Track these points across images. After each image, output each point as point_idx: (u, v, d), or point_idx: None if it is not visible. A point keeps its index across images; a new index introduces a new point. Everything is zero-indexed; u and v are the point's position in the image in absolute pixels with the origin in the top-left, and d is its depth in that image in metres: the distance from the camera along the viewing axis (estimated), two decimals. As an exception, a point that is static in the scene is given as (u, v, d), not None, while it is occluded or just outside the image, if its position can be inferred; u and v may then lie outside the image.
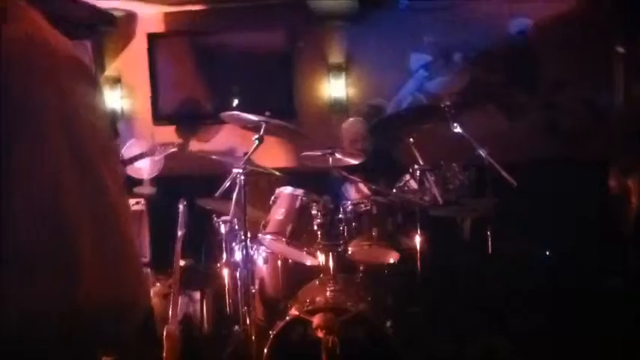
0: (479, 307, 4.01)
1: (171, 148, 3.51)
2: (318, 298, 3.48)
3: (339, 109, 5.35)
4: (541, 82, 5.06)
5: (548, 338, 3.97)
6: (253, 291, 3.67)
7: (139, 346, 1.10)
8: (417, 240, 3.68)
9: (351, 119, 4.78)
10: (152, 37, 5.78)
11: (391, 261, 3.75)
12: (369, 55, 5.36)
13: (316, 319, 3.22)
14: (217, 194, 3.84)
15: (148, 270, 4.62)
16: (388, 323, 3.39)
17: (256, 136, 3.65)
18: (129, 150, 4.32)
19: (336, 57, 5.39)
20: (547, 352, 3.83)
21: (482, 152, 3.67)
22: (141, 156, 3.57)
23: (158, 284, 4.49)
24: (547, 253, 4.97)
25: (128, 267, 0.88)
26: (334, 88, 5.40)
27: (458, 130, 3.71)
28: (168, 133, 5.80)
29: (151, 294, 4.49)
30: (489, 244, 3.99)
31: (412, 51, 5.26)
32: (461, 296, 4.11)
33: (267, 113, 3.66)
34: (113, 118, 4.37)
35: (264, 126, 3.62)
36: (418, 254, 3.68)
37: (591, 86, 5.05)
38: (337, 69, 5.38)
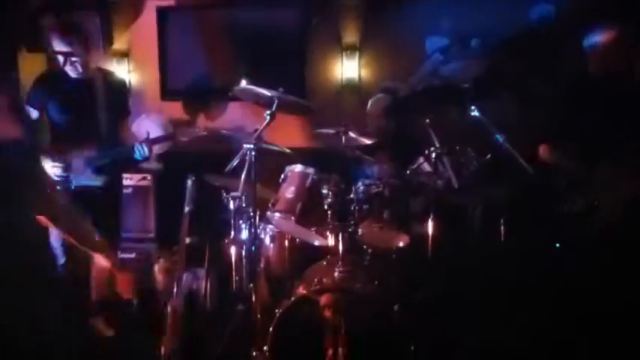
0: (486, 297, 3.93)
1: (200, 132, 3.37)
2: (325, 279, 3.43)
3: (352, 90, 5.25)
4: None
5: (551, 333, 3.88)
6: (259, 269, 3.62)
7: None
8: (429, 225, 3.62)
9: (377, 95, 4.67)
10: (162, 11, 5.69)
11: (401, 245, 3.69)
12: (385, 36, 5.23)
13: (323, 299, 3.19)
14: (226, 170, 3.78)
15: (154, 245, 4.55)
16: (395, 307, 3.34)
17: (268, 112, 3.57)
18: (144, 128, 4.22)
19: (350, 37, 5.27)
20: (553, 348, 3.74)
21: (499, 138, 3.58)
22: (166, 138, 3.45)
23: (163, 260, 4.43)
24: (557, 245, 4.88)
25: None
26: (347, 68, 5.29)
27: (475, 114, 3.62)
28: (176, 109, 5.72)
29: (156, 270, 4.44)
30: (501, 234, 3.93)
31: (429, 34, 5.14)
32: (469, 285, 4.03)
33: (281, 89, 3.58)
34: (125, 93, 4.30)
35: (276, 102, 3.54)
36: (429, 240, 3.62)
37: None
38: (351, 49, 5.27)
